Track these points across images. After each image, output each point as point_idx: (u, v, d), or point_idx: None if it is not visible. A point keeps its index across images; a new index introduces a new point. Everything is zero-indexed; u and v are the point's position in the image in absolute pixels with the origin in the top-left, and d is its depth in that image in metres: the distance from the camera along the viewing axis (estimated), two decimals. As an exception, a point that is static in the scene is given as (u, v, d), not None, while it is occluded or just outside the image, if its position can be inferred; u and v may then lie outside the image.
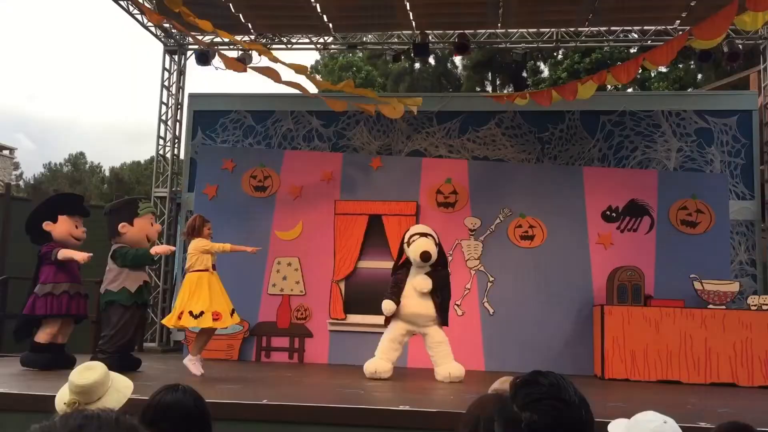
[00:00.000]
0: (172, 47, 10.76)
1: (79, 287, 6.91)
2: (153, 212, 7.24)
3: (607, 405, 5.39)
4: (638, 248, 8.87)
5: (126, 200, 7.26)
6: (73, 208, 7.04)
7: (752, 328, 7.58)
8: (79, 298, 6.88)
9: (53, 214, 6.90)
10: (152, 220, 7.14)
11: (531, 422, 1.47)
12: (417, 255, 6.99)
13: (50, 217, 6.90)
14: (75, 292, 6.82)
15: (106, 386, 2.41)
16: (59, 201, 7.16)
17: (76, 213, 7.06)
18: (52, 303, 6.62)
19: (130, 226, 6.83)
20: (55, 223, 6.89)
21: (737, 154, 9.37)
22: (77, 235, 7.00)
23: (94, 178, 36.91)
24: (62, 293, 6.70)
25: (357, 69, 23.01)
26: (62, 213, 6.93)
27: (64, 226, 6.90)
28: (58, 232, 6.88)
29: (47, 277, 6.72)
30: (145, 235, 6.96)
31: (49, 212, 6.92)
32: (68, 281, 6.77)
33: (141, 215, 6.92)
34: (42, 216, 6.91)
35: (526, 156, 9.71)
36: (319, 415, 4.51)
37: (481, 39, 10.41)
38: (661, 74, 18.98)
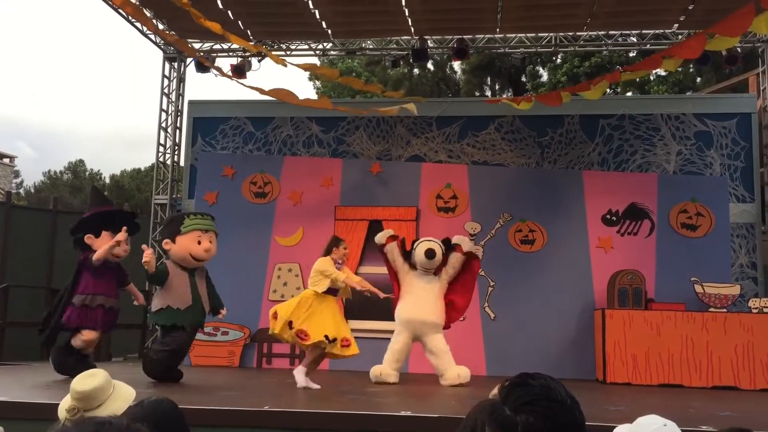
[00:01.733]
0: (171, 54, 10.77)
1: (114, 302, 6.68)
2: (204, 229, 6.67)
3: (609, 409, 5.39)
4: (639, 252, 8.87)
5: (174, 216, 7.02)
6: (118, 225, 6.66)
7: (754, 331, 7.57)
8: (112, 313, 6.68)
9: (98, 227, 6.64)
10: (200, 237, 6.61)
11: (528, 424, 1.45)
12: (422, 252, 7.01)
13: (94, 230, 6.63)
14: (109, 306, 6.61)
15: (107, 393, 2.40)
16: (107, 216, 6.78)
17: (130, 231, 6.74)
18: (87, 315, 6.44)
19: (172, 243, 6.59)
20: (98, 237, 6.62)
21: (737, 157, 9.38)
22: (117, 253, 6.67)
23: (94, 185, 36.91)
24: (97, 306, 6.51)
25: (356, 75, 23.04)
26: (107, 229, 6.63)
27: (105, 242, 6.59)
28: (98, 247, 6.59)
29: (85, 287, 6.52)
30: (188, 253, 6.56)
31: (94, 225, 6.66)
32: (104, 294, 6.56)
33: (184, 232, 6.58)
34: (87, 227, 6.66)
35: (526, 160, 9.72)
36: (321, 421, 4.50)
37: (480, 44, 10.43)
38: (660, 77, 18.98)
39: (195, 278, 6.62)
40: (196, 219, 6.74)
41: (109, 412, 2.21)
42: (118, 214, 7.00)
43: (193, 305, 6.49)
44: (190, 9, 7.13)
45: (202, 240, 6.61)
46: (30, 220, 10.41)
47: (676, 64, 7.60)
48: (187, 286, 6.53)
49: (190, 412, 4.55)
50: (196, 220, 6.71)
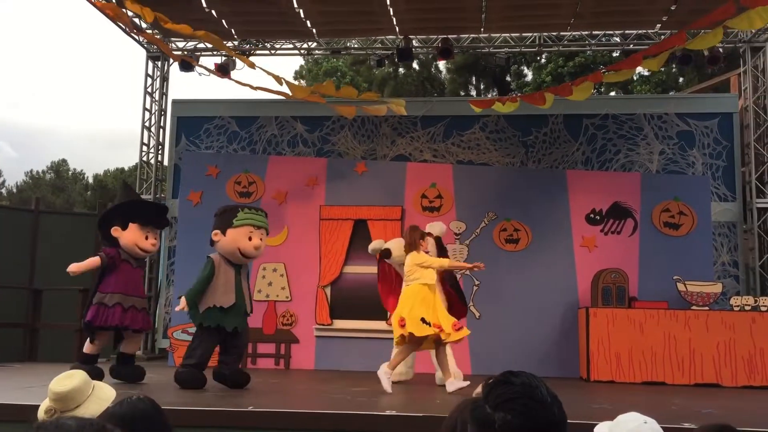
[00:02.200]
0: (154, 53, 10.71)
1: (135, 300, 6.38)
2: (257, 225, 6.36)
3: (592, 407, 5.42)
4: (622, 250, 8.93)
5: (228, 207, 6.62)
6: (147, 219, 6.48)
7: (735, 329, 7.65)
8: (134, 312, 6.35)
9: (125, 219, 6.42)
10: (252, 233, 6.30)
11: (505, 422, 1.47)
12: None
13: (121, 223, 6.41)
14: (130, 305, 6.31)
15: (85, 394, 2.39)
16: (134, 207, 6.55)
17: (149, 224, 6.51)
18: (104, 314, 6.20)
19: (222, 235, 6.26)
20: (125, 229, 6.40)
21: (719, 156, 9.47)
22: (144, 247, 6.46)
23: (77, 185, 36.60)
24: (115, 305, 6.23)
25: (341, 74, 23.03)
26: (134, 221, 6.40)
27: (132, 235, 6.39)
28: (125, 240, 6.38)
29: (105, 285, 6.32)
30: (237, 248, 6.23)
31: (121, 217, 6.43)
32: (122, 292, 6.30)
33: (236, 225, 6.25)
34: (113, 219, 6.45)
35: (511, 160, 9.76)
36: (306, 421, 4.50)
37: (465, 44, 10.46)
38: (643, 77, 19.13)
39: (240, 276, 6.33)
40: (250, 213, 6.41)
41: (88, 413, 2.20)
42: (146, 206, 6.78)
43: (236, 305, 6.17)
44: (156, 14, 7.09)
45: (253, 236, 6.29)
46: (12, 220, 10.30)
47: (659, 63, 7.65)
48: (232, 283, 6.23)
49: (175, 412, 4.53)
50: (250, 215, 6.38)
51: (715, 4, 7.34)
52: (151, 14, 7.08)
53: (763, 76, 9.73)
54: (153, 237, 6.54)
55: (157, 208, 6.92)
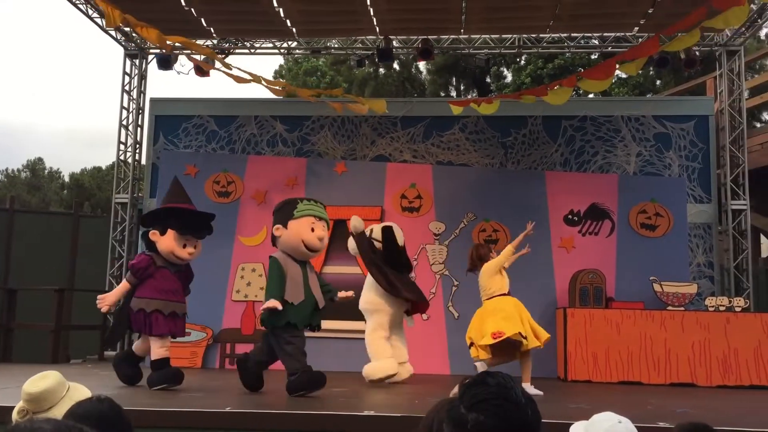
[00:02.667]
0: (132, 51, 10.61)
1: (175, 306, 6.17)
2: (318, 216, 6.08)
3: (569, 407, 5.46)
4: (599, 251, 9.01)
5: (287, 200, 6.24)
6: (186, 227, 6.24)
7: (710, 329, 7.75)
8: (175, 318, 6.15)
9: (165, 225, 6.19)
10: (314, 224, 5.99)
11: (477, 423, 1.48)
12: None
13: (161, 227, 6.19)
14: (170, 311, 6.11)
15: (58, 395, 2.37)
16: (175, 214, 6.27)
17: (189, 232, 6.27)
18: (144, 320, 6.00)
19: (284, 229, 5.92)
20: (163, 234, 6.19)
21: (694, 158, 9.58)
22: (180, 255, 6.22)
23: (53, 184, 36.16)
24: (154, 311, 6.03)
25: (321, 74, 22.99)
26: (173, 227, 6.18)
27: (169, 242, 6.17)
28: (162, 246, 6.18)
29: (143, 291, 6.10)
30: (301, 240, 5.89)
31: (162, 222, 6.21)
32: (160, 299, 6.09)
33: (297, 217, 5.94)
34: (154, 222, 6.27)
35: (490, 161, 9.80)
36: (284, 422, 4.48)
37: (445, 44, 10.48)
38: (621, 80, 19.31)
39: (307, 270, 6.02)
40: (310, 204, 6.11)
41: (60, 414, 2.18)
42: (189, 213, 6.42)
43: (306, 301, 5.85)
44: (127, 17, 7.02)
45: (315, 227, 5.98)
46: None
47: (637, 67, 7.74)
48: (300, 277, 5.91)
49: (152, 414, 4.50)
50: (311, 206, 6.09)
51: (690, 6, 7.45)
52: (120, 16, 6.96)
53: (739, 80, 9.86)
54: (191, 246, 6.29)
55: (203, 216, 6.54)
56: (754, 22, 9.43)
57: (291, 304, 5.73)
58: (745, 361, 7.65)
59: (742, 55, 9.93)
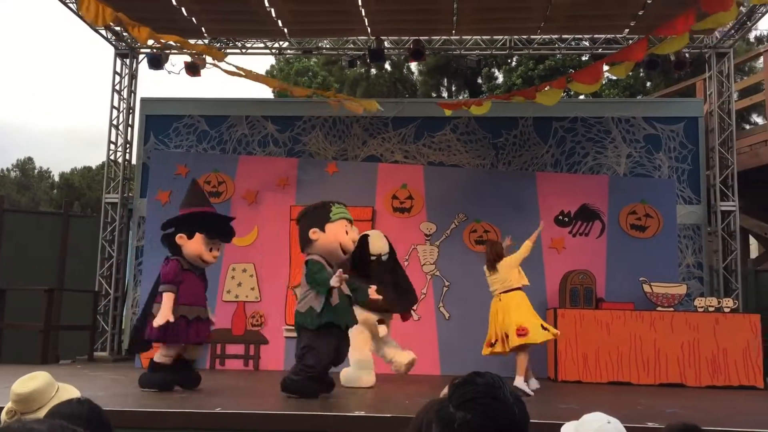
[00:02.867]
0: (123, 51, 10.57)
1: (199, 311, 6.12)
2: (349, 219, 6.20)
3: (559, 407, 5.48)
4: (590, 252, 9.05)
5: (317, 204, 6.29)
6: (214, 231, 6.25)
7: (699, 330, 7.79)
8: (198, 323, 6.09)
9: (192, 229, 6.15)
10: (347, 227, 6.12)
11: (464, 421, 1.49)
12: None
13: (188, 231, 6.16)
14: (195, 317, 6.05)
15: (47, 396, 2.36)
16: (203, 218, 6.26)
17: (216, 236, 6.29)
18: (166, 329, 5.87)
19: (321, 232, 5.95)
20: (190, 239, 6.15)
21: (684, 159, 9.64)
22: (207, 259, 6.23)
23: (42, 183, 35.97)
24: (180, 318, 5.93)
25: (313, 74, 22.96)
26: (201, 231, 6.16)
27: (197, 246, 6.14)
28: (189, 250, 6.14)
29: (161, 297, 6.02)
30: (339, 243, 6.00)
31: (188, 226, 6.17)
32: (187, 304, 6.02)
33: (333, 220, 6.01)
34: (180, 226, 6.21)
35: (481, 161, 9.82)
36: (274, 422, 4.48)
37: (436, 45, 10.50)
38: (611, 81, 19.38)
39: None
40: (341, 207, 6.18)
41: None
42: (216, 217, 6.43)
43: (341, 302, 5.85)
44: (119, 15, 6.99)
45: (348, 230, 6.10)
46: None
47: (626, 70, 7.78)
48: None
49: (142, 414, 4.49)
50: (342, 209, 6.16)
51: (679, 9, 7.49)
52: (111, 14, 6.93)
53: (728, 81, 9.93)
54: (216, 249, 6.31)
55: (226, 220, 6.56)
56: (744, 24, 9.49)
57: (332, 306, 5.75)
58: (733, 361, 7.70)
59: (732, 57, 9.99)
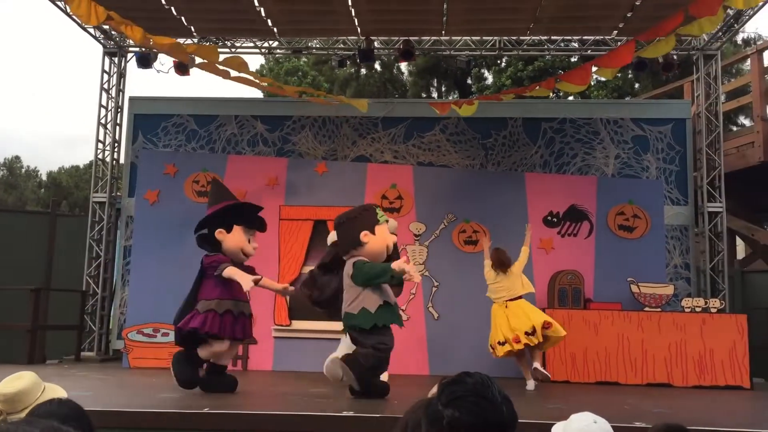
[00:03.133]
0: (111, 49, 10.51)
1: (244, 306, 6.05)
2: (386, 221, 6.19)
3: (547, 407, 5.50)
4: (578, 252, 9.08)
5: (363, 207, 6.27)
6: (251, 221, 6.22)
7: (686, 330, 7.84)
8: (244, 319, 6.02)
9: (229, 223, 6.10)
10: (387, 230, 6.12)
11: (453, 419, 1.51)
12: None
13: (225, 226, 6.11)
14: (239, 312, 5.96)
15: (34, 396, 2.35)
16: (239, 210, 6.22)
17: (253, 227, 6.25)
18: (213, 322, 5.76)
19: (371, 235, 5.86)
20: (229, 232, 6.11)
21: (672, 161, 9.69)
22: (248, 251, 6.18)
23: (30, 182, 35.72)
24: (225, 312, 5.85)
25: (303, 74, 22.92)
26: (239, 223, 6.12)
27: (238, 238, 6.09)
28: (230, 243, 6.07)
29: (210, 292, 5.90)
30: (386, 245, 5.98)
31: (225, 220, 6.11)
32: (233, 298, 5.94)
33: (381, 223, 5.97)
34: (217, 222, 6.13)
35: (470, 162, 9.84)
36: (263, 422, 4.47)
37: (426, 46, 10.51)
38: (600, 83, 19.46)
39: None
40: (381, 210, 6.14)
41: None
42: (247, 207, 6.41)
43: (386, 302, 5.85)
44: (111, 14, 6.96)
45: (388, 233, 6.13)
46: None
47: (613, 72, 7.84)
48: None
49: (130, 414, 4.47)
50: (382, 212, 6.12)
51: (667, 11, 7.54)
52: (104, 12, 6.90)
53: (715, 83, 9.99)
54: (254, 240, 6.24)
55: (257, 209, 6.47)
56: (731, 27, 9.56)
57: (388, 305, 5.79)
58: (720, 361, 7.75)
59: (719, 59, 10.07)
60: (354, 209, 6.24)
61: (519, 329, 6.79)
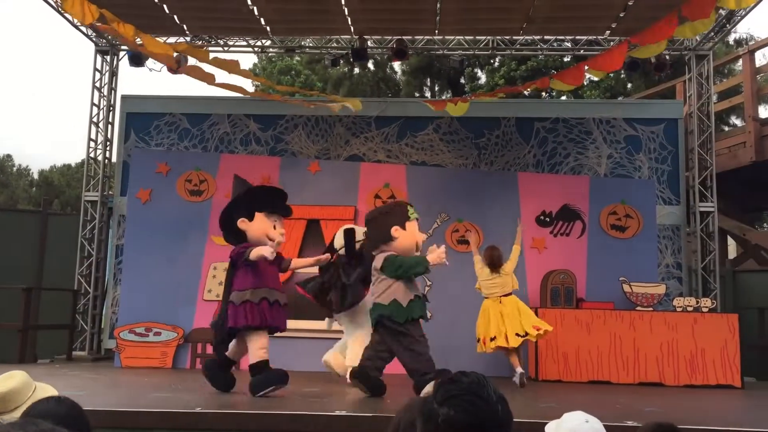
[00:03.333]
0: (103, 47, 10.47)
1: (279, 295, 5.87)
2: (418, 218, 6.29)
3: (539, 406, 5.51)
4: (571, 252, 9.10)
5: (395, 203, 6.32)
6: (273, 206, 6.03)
7: (678, 329, 7.87)
8: (278, 308, 5.83)
9: (250, 210, 5.94)
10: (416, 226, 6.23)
11: (448, 417, 1.52)
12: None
13: (246, 214, 5.95)
14: (274, 300, 5.80)
15: (24, 395, 2.33)
16: (258, 195, 6.05)
17: (276, 211, 6.06)
18: (252, 311, 5.62)
19: (402, 230, 5.95)
20: (251, 221, 5.95)
21: (664, 161, 9.73)
22: (274, 236, 5.98)
23: (21, 181, 35.54)
24: (261, 300, 5.70)
25: (296, 73, 22.88)
26: (260, 210, 5.94)
27: (261, 225, 5.92)
28: (254, 231, 5.91)
29: (243, 282, 5.75)
30: (416, 241, 6.09)
31: (246, 208, 5.95)
32: (267, 287, 5.79)
33: (411, 219, 6.06)
34: (237, 211, 5.97)
35: (463, 161, 9.85)
36: (254, 422, 4.46)
37: (419, 45, 10.51)
38: (592, 83, 19.50)
39: None
40: (413, 208, 6.22)
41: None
42: (270, 192, 6.26)
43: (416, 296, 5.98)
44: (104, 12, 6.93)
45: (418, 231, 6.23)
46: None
47: (603, 73, 7.88)
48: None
49: (121, 414, 4.45)
50: (414, 209, 6.21)
51: (659, 11, 7.56)
52: (96, 11, 6.86)
53: (707, 84, 10.03)
54: (280, 226, 6.08)
55: (280, 193, 6.26)
56: (723, 27, 9.59)
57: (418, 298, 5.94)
58: (711, 360, 7.78)
59: (711, 59, 10.11)
60: (386, 205, 6.41)
61: (511, 329, 6.91)
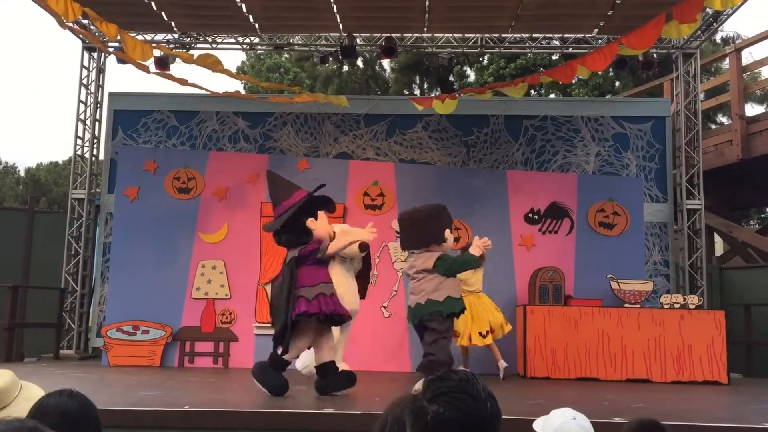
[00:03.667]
0: (90, 44, 10.39)
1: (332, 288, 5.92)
2: None
3: (528, 403, 5.53)
4: (559, 249, 9.14)
5: (440, 206, 6.36)
6: (328, 206, 6.14)
7: (665, 326, 7.92)
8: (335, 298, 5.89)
9: (313, 211, 6.02)
10: None
11: (436, 414, 1.54)
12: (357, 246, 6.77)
13: (311, 214, 6.00)
14: (330, 293, 5.84)
15: (11, 395, 2.32)
16: (318, 199, 6.09)
17: (329, 211, 6.20)
18: (327, 303, 5.67)
19: (450, 233, 6.20)
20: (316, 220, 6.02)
21: (651, 158, 9.78)
22: (332, 236, 6.14)
23: (8, 179, 35.26)
24: (332, 294, 5.80)
25: (285, 70, 22.82)
26: (323, 209, 6.08)
27: (325, 223, 6.06)
28: (321, 230, 5.99)
29: (312, 278, 5.74)
30: (451, 242, 6.35)
31: (310, 209, 6.01)
32: (326, 281, 5.84)
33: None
34: (307, 212, 5.98)
35: (452, 159, 9.86)
36: (243, 420, 4.45)
37: (408, 43, 10.51)
38: (580, 81, 19.55)
39: None
40: None
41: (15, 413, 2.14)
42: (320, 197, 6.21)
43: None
44: (86, 10, 6.89)
45: None
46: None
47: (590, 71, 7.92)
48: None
49: (109, 413, 4.42)
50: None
51: (647, 10, 7.60)
52: (79, 9, 6.81)
53: (695, 82, 10.10)
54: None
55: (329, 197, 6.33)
56: (710, 26, 9.65)
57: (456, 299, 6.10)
58: (698, 357, 7.84)
59: (698, 58, 10.17)
60: (428, 207, 6.38)
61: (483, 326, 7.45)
